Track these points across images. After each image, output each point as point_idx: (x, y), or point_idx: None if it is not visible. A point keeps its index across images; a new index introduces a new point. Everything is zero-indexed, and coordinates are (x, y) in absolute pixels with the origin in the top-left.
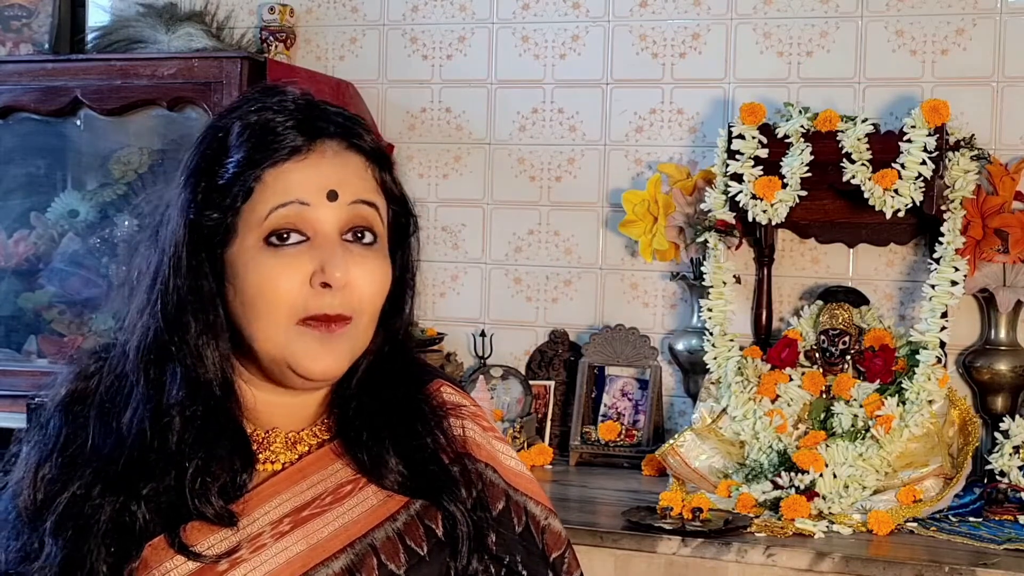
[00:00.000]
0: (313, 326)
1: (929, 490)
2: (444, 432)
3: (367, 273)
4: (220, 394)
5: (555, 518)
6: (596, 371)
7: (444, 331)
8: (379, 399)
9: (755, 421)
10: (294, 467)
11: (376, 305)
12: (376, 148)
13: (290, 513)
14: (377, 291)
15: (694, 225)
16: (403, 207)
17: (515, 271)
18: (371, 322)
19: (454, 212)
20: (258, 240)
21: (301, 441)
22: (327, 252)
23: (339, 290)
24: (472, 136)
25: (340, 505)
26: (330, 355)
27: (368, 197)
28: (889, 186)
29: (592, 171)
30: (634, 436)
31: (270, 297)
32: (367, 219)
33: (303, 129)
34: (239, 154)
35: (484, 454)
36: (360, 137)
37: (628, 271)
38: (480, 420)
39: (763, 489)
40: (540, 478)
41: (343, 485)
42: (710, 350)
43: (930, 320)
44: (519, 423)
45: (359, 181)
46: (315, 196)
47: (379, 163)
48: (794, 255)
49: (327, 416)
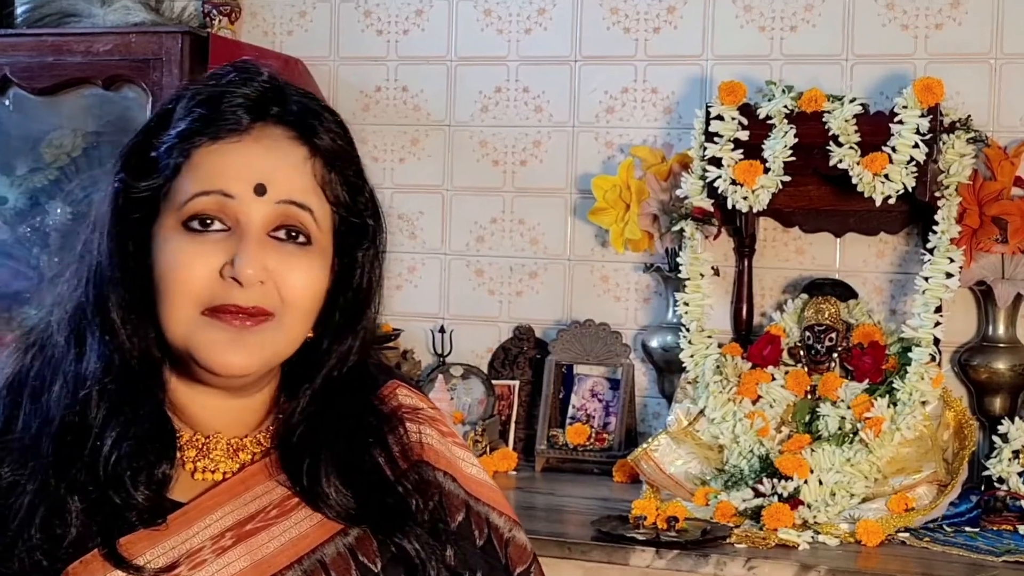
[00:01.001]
0: (221, 319)
1: (922, 498)
2: (399, 439)
3: (293, 270)
4: (139, 372)
5: (520, 530)
6: (564, 370)
7: (400, 327)
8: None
9: (735, 424)
10: (236, 478)
11: (305, 305)
12: (329, 145)
13: (232, 527)
14: (307, 290)
15: (669, 213)
16: (355, 212)
17: (477, 262)
18: (299, 324)
19: (411, 199)
20: (176, 223)
21: (244, 448)
22: (243, 246)
23: (252, 287)
24: (430, 117)
25: (287, 518)
26: (239, 351)
27: (300, 198)
28: (879, 171)
29: (559, 155)
30: (605, 440)
31: (176, 282)
32: (298, 221)
33: (251, 108)
34: (179, 127)
35: (442, 462)
36: (312, 130)
37: (598, 262)
38: (438, 425)
39: (743, 497)
40: (504, 485)
41: (290, 497)
42: (686, 347)
43: (923, 315)
44: (481, 426)
45: (294, 178)
46: (241, 188)
47: (328, 161)
48: (777, 245)
49: (272, 421)
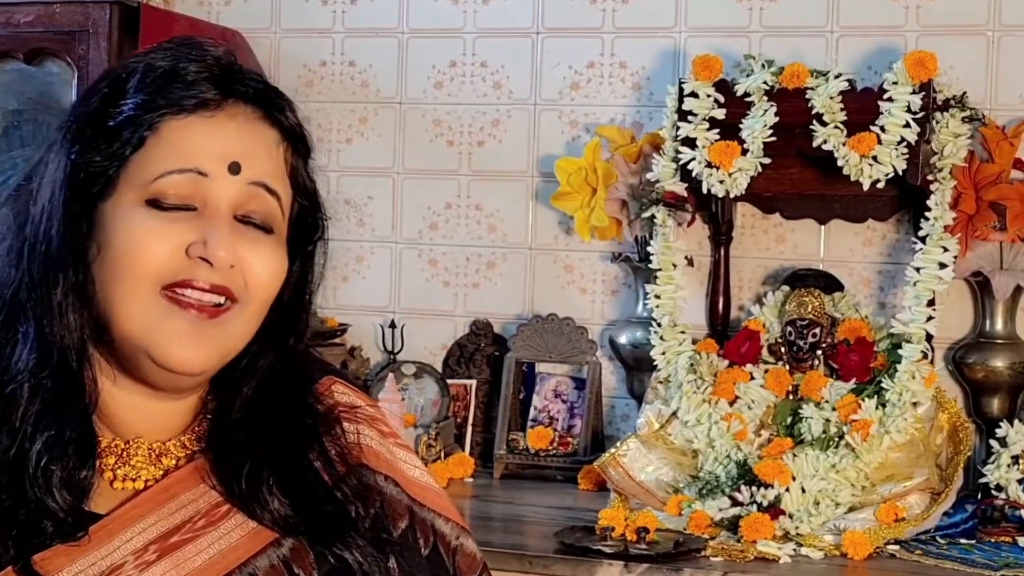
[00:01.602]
0: (181, 304)
1: (913, 507)
2: (335, 441)
3: (260, 257)
4: (76, 368)
5: (468, 537)
6: (525, 368)
7: (347, 321)
8: (261, 413)
9: (710, 427)
10: (159, 485)
11: (266, 296)
12: (296, 128)
13: (156, 539)
14: (270, 279)
15: (639, 198)
16: (312, 203)
17: (430, 251)
18: (257, 315)
19: (359, 182)
20: (139, 199)
21: (167, 453)
22: (215, 227)
23: (222, 270)
24: (380, 94)
25: (215, 529)
26: (199, 345)
27: (272, 183)
28: (867, 152)
29: (520, 135)
30: (569, 444)
31: (136, 261)
32: (265, 207)
33: (217, 84)
34: (138, 97)
35: (383, 464)
36: (279, 110)
37: (562, 251)
38: (378, 424)
39: (720, 506)
40: (459, 493)
41: (218, 505)
42: (658, 344)
43: (915, 309)
44: (435, 429)
45: (267, 161)
46: (215, 165)
47: (296, 146)
48: (756, 233)
49: (198, 424)
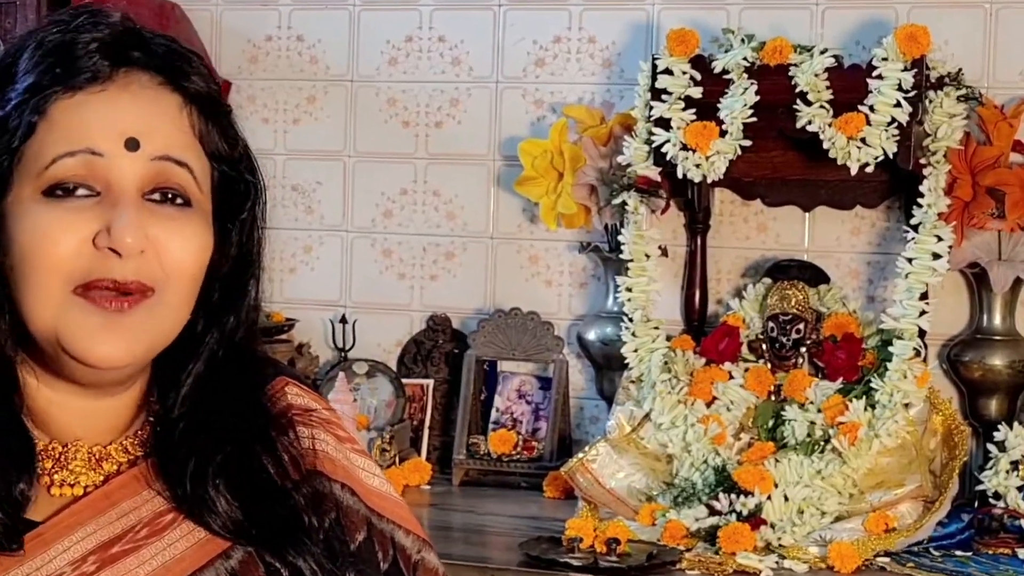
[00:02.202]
0: (96, 300)
1: (905, 517)
2: (289, 446)
3: (176, 237)
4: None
5: (430, 551)
6: (486, 367)
7: (294, 316)
8: (207, 410)
9: (686, 430)
10: (99, 491)
11: (190, 277)
12: (203, 90)
13: (96, 550)
14: (191, 259)
15: (609, 183)
16: (234, 168)
17: (384, 241)
18: (183, 300)
19: (307, 167)
20: (36, 192)
21: (108, 458)
22: (119, 211)
23: (132, 257)
24: (330, 71)
25: (158, 539)
26: (118, 338)
27: (178, 154)
28: (854, 134)
29: (481, 115)
30: (534, 448)
31: (42, 259)
32: (176, 180)
33: (109, 53)
34: (27, 81)
35: (339, 472)
36: (183, 74)
37: (526, 241)
38: (334, 428)
39: (696, 515)
40: (415, 501)
41: (162, 514)
42: (629, 340)
43: (906, 303)
44: (389, 432)
45: (170, 131)
46: (110, 144)
47: (204, 109)
48: (735, 221)
49: (141, 427)
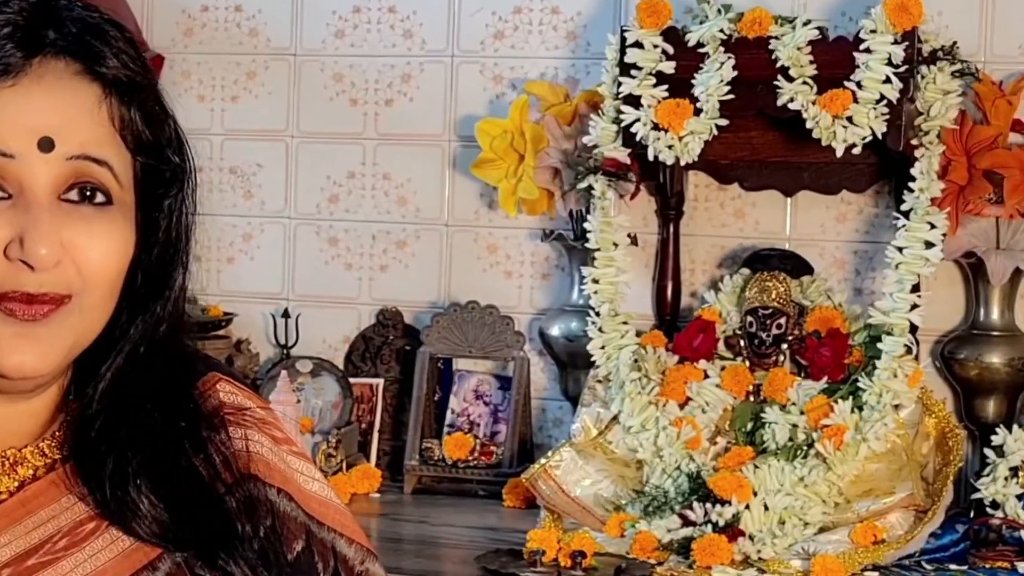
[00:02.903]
0: (8, 311)
1: (895, 527)
2: (220, 447)
3: (95, 241)
4: None
5: (375, 562)
6: (440, 365)
7: (232, 310)
8: (130, 407)
9: (657, 433)
10: (14, 499)
11: (109, 281)
12: (124, 75)
13: (10, 562)
14: (110, 263)
15: (574, 166)
16: (159, 154)
17: (330, 228)
18: (103, 303)
19: (247, 148)
20: None
21: (23, 462)
22: (31, 218)
23: (46, 270)
24: (271, 44)
25: (79, 550)
26: (33, 347)
27: (96, 152)
28: (840, 112)
29: (435, 92)
30: (492, 454)
31: None
32: (95, 178)
33: (24, 41)
34: None
35: (276, 476)
36: (101, 58)
37: (484, 228)
38: (270, 429)
39: (668, 526)
40: (364, 511)
41: (83, 523)
42: (596, 336)
43: (897, 295)
44: (335, 436)
45: (88, 126)
46: (22, 144)
47: (125, 95)
48: (711, 207)
49: (59, 427)
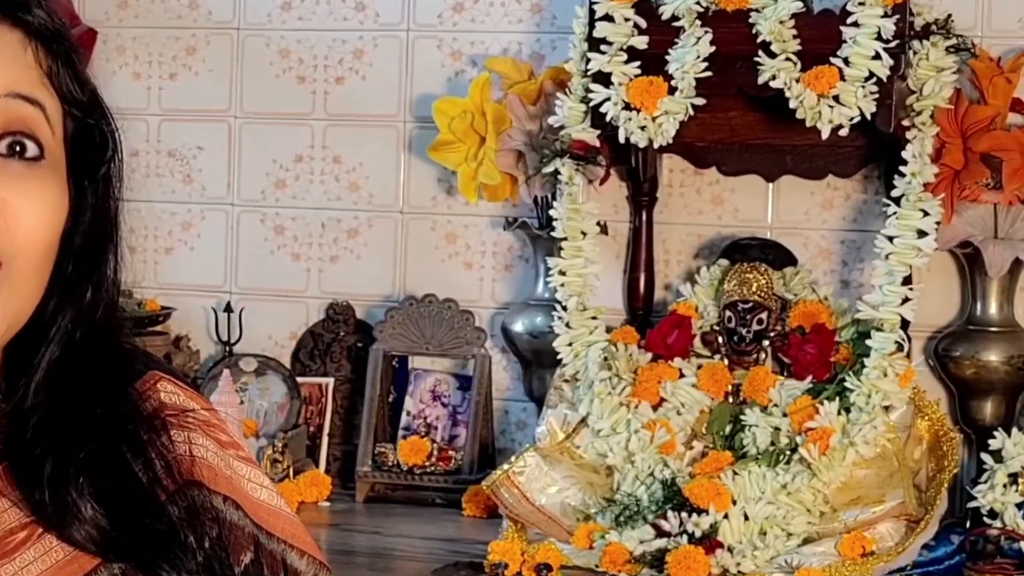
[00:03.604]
0: None
1: (885, 538)
2: (162, 451)
3: (27, 199)
4: None
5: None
6: (395, 363)
7: (171, 304)
8: (66, 405)
9: (629, 437)
10: None
11: (45, 245)
12: (48, 25)
13: None
14: (45, 224)
15: (539, 148)
16: (89, 112)
17: (276, 216)
18: (36, 274)
19: (186, 129)
20: None
21: None
22: None
23: None
24: (212, 18)
25: (9, 561)
26: None
27: (28, 91)
28: (826, 91)
29: (390, 69)
30: (451, 459)
31: None
32: (27, 123)
33: None
34: None
35: (222, 483)
36: (22, 5)
37: (442, 216)
38: (216, 432)
39: (641, 537)
40: (313, 520)
41: (14, 531)
42: (563, 332)
43: (887, 288)
44: (282, 440)
45: (15, 66)
46: None
47: (50, 47)
48: (687, 193)
49: None
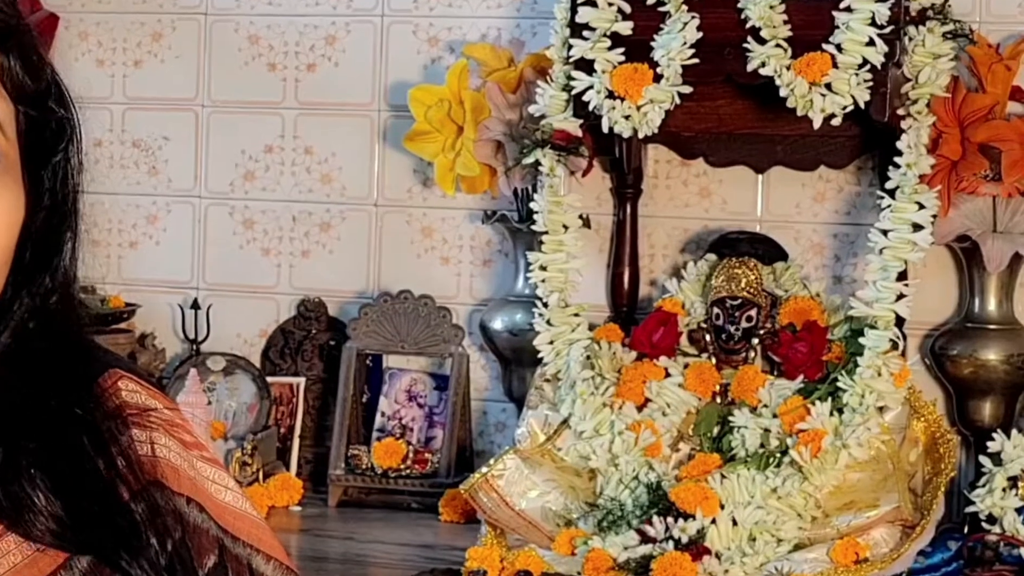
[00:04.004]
0: None
1: (880, 544)
2: (124, 451)
3: None
4: None
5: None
6: (369, 362)
7: (136, 301)
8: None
9: (612, 439)
10: None
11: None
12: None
13: None
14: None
15: (519, 139)
16: (42, 105)
17: (245, 209)
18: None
19: (151, 119)
20: None
21: None
22: None
23: None
24: (178, 3)
25: None
26: None
27: None
28: (818, 79)
29: (363, 56)
30: (427, 462)
31: None
32: None
33: None
34: None
35: (185, 484)
36: None
37: (418, 209)
38: (179, 432)
39: (625, 543)
40: (283, 526)
41: None
42: (544, 330)
43: (881, 284)
44: (251, 442)
45: None
46: None
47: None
48: (673, 185)
49: None
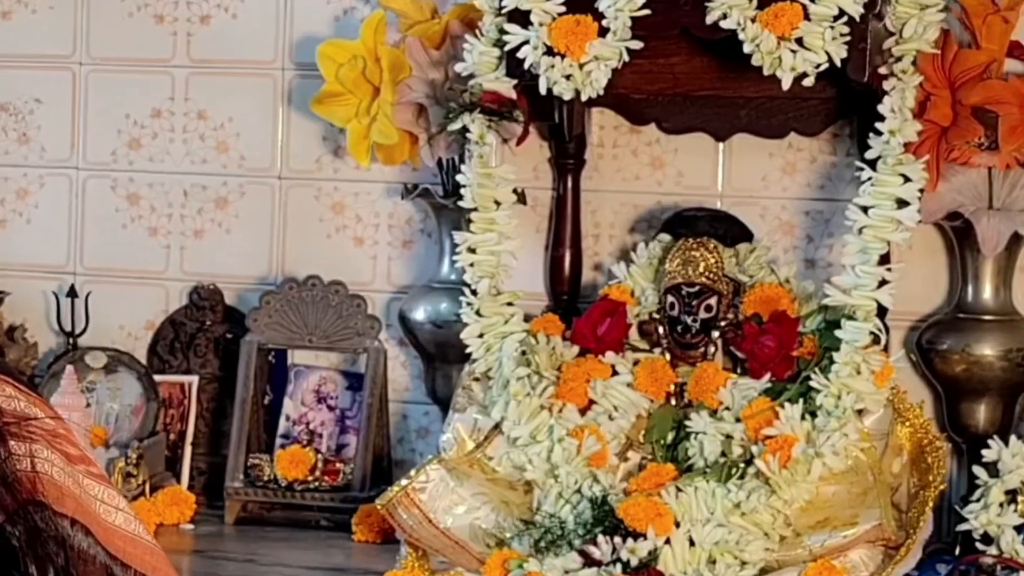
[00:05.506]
0: None
1: (859, 566)
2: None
3: None
4: None
5: None
6: (272, 358)
7: (3, 288)
8: None
9: (551, 446)
10: None
11: None
12: None
13: None
14: None
15: (444, 102)
16: None
17: (130, 183)
18: None
19: (21, 79)
20: None
21: None
22: None
23: None
24: None
25: None
26: None
27: None
28: (788, 33)
29: (265, 7)
30: (339, 473)
31: None
32: None
33: None
34: None
35: (69, 503)
36: None
37: (328, 182)
38: (63, 444)
39: (566, 566)
40: (174, 546)
41: None
42: (473, 321)
43: (860, 269)
44: (137, 450)
45: None
46: None
47: None
48: (621, 154)
49: None
